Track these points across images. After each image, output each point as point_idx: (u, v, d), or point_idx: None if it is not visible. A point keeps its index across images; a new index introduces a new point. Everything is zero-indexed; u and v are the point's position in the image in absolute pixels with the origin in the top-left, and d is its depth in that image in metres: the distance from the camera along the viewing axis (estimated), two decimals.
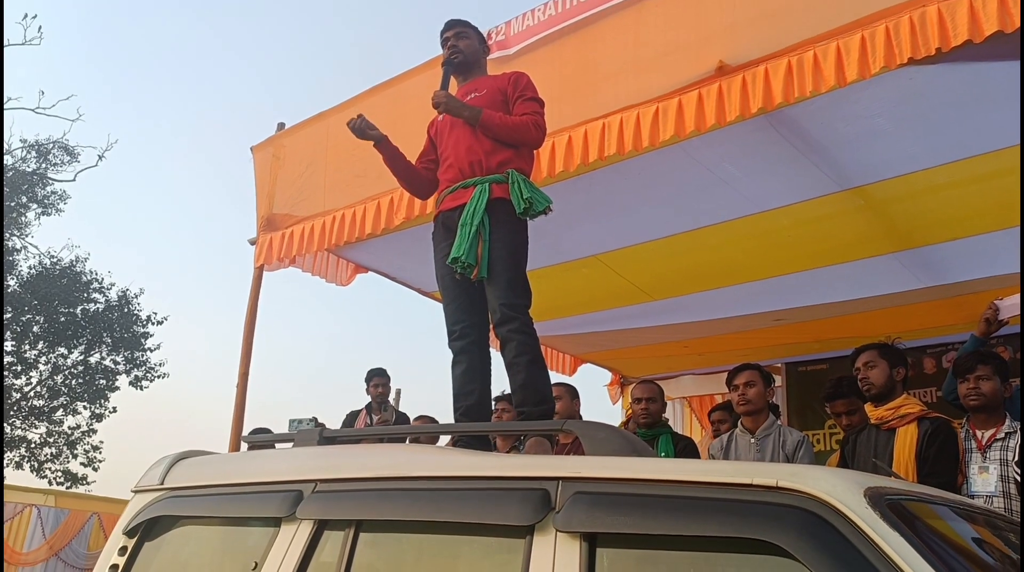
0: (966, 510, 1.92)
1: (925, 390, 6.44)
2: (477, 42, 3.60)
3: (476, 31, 3.63)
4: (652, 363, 7.58)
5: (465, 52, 3.52)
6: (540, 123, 3.32)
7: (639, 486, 1.76)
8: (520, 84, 3.40)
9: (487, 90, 3.41)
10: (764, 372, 4.28)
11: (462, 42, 3.53)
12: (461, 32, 3.55)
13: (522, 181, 3.17)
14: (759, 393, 4.14)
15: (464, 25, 3.59)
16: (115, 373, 20.33)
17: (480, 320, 3.25)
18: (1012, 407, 3.79)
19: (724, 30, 3.67)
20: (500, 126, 3.26)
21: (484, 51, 3.66)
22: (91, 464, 20.23)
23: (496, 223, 3.14)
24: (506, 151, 3.26)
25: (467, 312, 3.24)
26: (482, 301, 3.22)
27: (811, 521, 1.50)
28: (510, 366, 3.06)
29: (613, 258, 5.45)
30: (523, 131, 3.27)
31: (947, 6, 3.08)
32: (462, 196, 3.22)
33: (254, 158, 5.81)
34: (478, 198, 3.15)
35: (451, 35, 3.54)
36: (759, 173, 4.48)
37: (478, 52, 3.59)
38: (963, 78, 3.60)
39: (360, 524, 2.19)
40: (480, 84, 3.48)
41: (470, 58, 3.54)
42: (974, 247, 4.97)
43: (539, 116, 3.33)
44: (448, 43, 3.53)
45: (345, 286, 5.99)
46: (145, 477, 2.94)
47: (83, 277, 20.13)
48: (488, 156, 3.25)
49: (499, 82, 3.44)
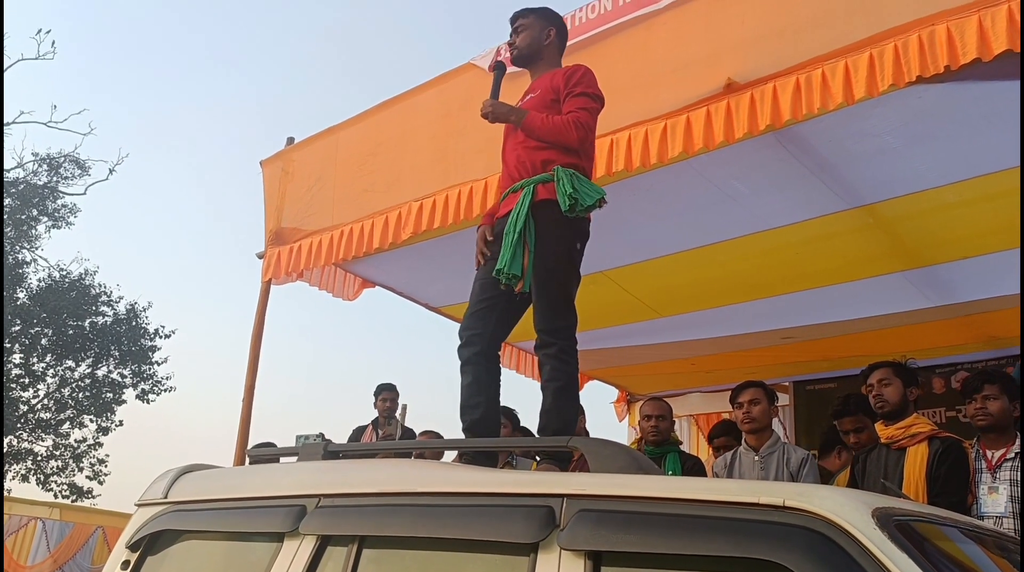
0: (975, 532, 1.89)
1: (935, 410, 6.40)
2: (537, 29, 3.36)
3: (542, 17, 3.38)
4: (659, 380, 7.55)
5: (520, 46, 3.35)
6: (582, 120, 3.07)
7: (644, 504, 1.75)
8: (573, 79, 3.17)
9: (541, 90, 3.24)
10: (768, 389, 4.27)
11: (520, 36, 3.36)
12: (520, 24, 3.37)
13: (567, 176, 2.95)
14: (763, 411, 4.13)
15: (526, 15, 3.37)
16: (122, 386, 20.40)
17: (492, 331, 3.09)
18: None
19: (732, 47, 3.67)
20: (541, 128, 3.09)
21: (547, 38, 3.37)
22: (97, 477, 20.27)
23: (542, 229, 2.97)
24: (551, 149, 3.07)
25: (482, 321, 3.09)
26: (507, 314, 3.10)
27: (818, 541, 1.48)
28: (542, 388, 2.96)
29: (621, 274, 5.44)
30: (563, 131, 3.06)
31: (956, 24, 3.07)
32: (512, 201, 3.08)
33: (263, 172, 5.83)
34: (522, 202, 3.00)
35: (512, 31, 3.38)
36: (767, 190, 4.48)
37: (538, 42, 3.35)
38: (972, 96, 3.59)
39: (363, 540, 2.18)
40: (538, 83, 3.31)
41: (526, 51, 3.36)
42: (983, 266, 4.94)
43: (584, 113, 3.10)
44: (509, 40, 3.38)
45: (352, 301, 5.99)
46: (148, 491, 2.93)
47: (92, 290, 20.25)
48: (533, 155, 3.10)
49: (556, 79, 3.22)
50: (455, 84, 4.72)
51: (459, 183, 4.47)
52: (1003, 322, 5.66)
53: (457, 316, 6.25)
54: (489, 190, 4.28)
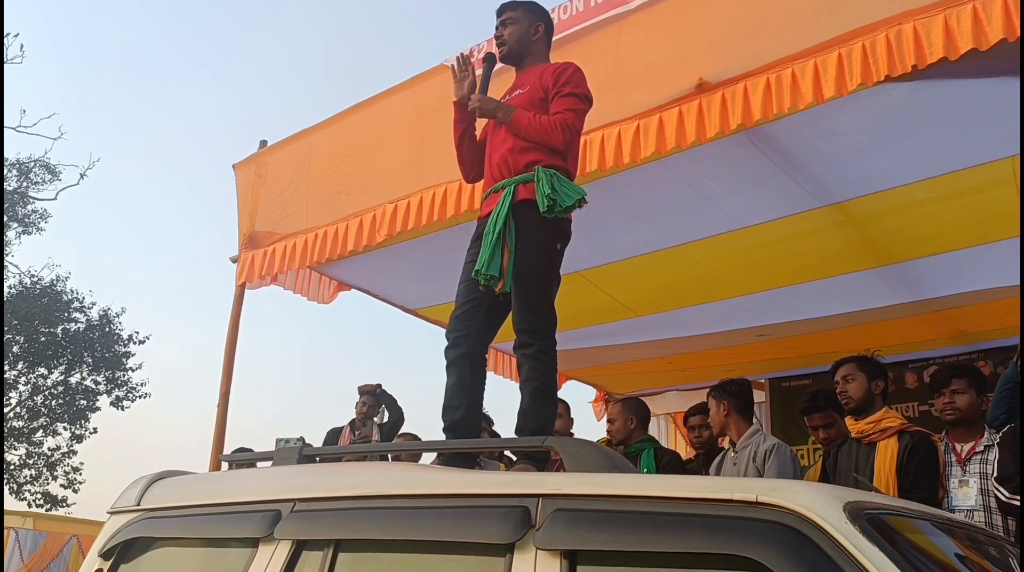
0: (946, 524, 1.92)
1: (907, 405, 6.48)
2: (526, 24, 3.30)
3: (529, 10, 3.32)
4: (636, 379, 7.58)
5: (510, 42, 3.29)
6: (569, 122, 3.04)
7: (619, 503, 1.75)
8: (562, 78, 3.12)
9: (530, 87, 3.18)
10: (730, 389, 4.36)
11: (508, 30, 3.29)
12: (508, 18, 3.30)
13: (547, 176, 2.92)
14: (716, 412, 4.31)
15: (513, 8, 3.31)
16: (96, 393, 20.15)
17: (478, 333, 3.07)
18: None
19: (703, 48, 3.69)
20: (528, 127, 3.05)
21: (535, 33, 3.32)
22: (71, 486, 20.02)
23: (523, 229, 2.95)
24: (536, 151, 3.04)
25: (467, 323, 3.06)
26: (491, 315, 3.09)
27: (791, 536, 1.50)
28: (521, 388, 2.95)
29: (596, 274, 5.46)
30: (549, 132, 3.02)
31: (923, 24, 3.11)
32: (493, 202, 3.05)
33: (236, 176, 5.78)
34: (502, 202, 2.98)
35: (499, 23, 3.31)
36: (740, 189, 4.51)
37: (527, 37, 3.29)
38: (939, 95, 3.64)
39: (339, 544, 2.16)
40: (525, 79, 3.26)
41: (515, 47, 3.30)
42: (952, 263, 5.01)
43: (571, 115, 3.06)
44: (496, 33, 3.32)
45: (328, 304, 5.96)
46: (121, 498, 2.90)
47: (64, 296, 19.98)
48: (515, 155, 3.06)
49: (545, 77, 3.16)
50: (429, 86, 4.71)
51: (433, 185, 4.47)
52: (972, 317, 5.75)
53: (434, 317, 6.25)
54: (463, 191, 4.28)
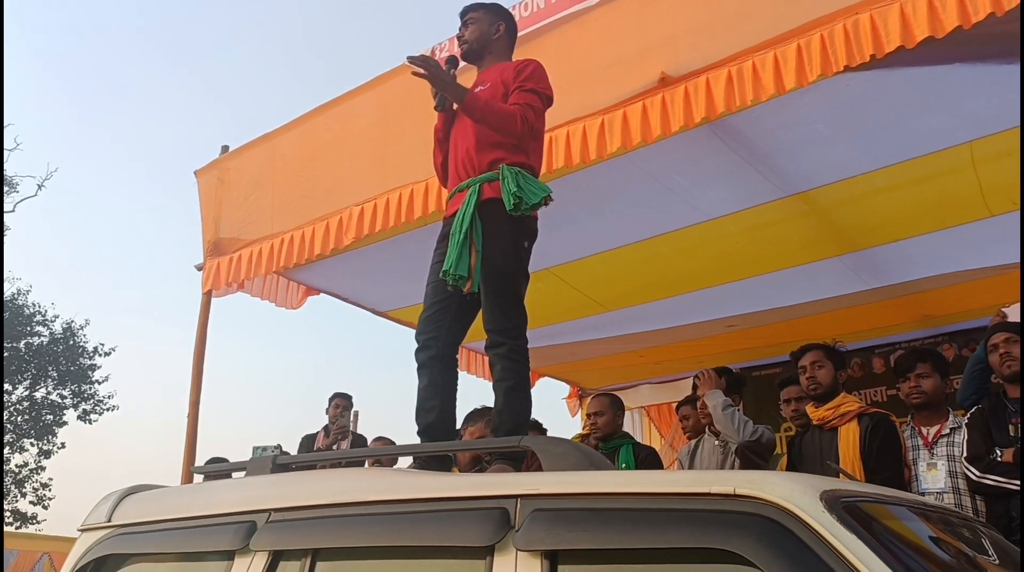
0: (922, 509, 1.94)
1: (876, 389, 6.57)
2: (487, 24, 3.32)
3: (490, 10, 3.35)
4: (609, 374, 7.60)
5: (470, 40, 3.31)
6: (529, 117, 3.02)
7: (598, 500, 1.75)
8: (523, 74, 3.11)
9: (491, 83, 3.16)
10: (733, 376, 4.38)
11: (468, 30, 3.31)
12: (471, 18, 3.33)
13: (512, 174, 2.91)
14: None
15: (475, 9, 3.34)
16: (62, 407, 19.84)
17: (447, 334, 3.06)
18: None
19: (664, 42, 3.71)
20: (485, 109, 3.01)
21: (496, 32, 3.33)
22: (41, 502, 19.71)
23: (489, 228, 2.94)
24: (499, 149, 3.02)
25: (436, 324, 3.05)
26: (460, 316, 3.07)
27: (769, 528, 1.50)
28: (494, 388, 2.93)
29: (565, 271, 5.47)
30: (507, 120, 3.00)
31: (879, 13, 3.15)
32: (458, 201, 3.03)
33: (198, 182, 5.70)
34: (468, 201, 2.96)
35: (461, 25, 3.34)
36: (705, 182, 4.54)
37: (487, 36, 3.31)
38: (898, 83, 3.69)
39: (316, 553, 2.13)
40: (487, 76, 3.25)
41: (475, 45, 3.31)
42: (915, 248, 5.09)
43: (529, 109, 3.03)
44: (459, 34, 3.34)
45: (296, 309, 5.91)
46: (92, 515, 2.84)
47: (25, 310, 19.63)
48: (479, 154, 3.04)
49: (506, 73, 3.16)
50: (392, 86, 4.67)
51: (399, 186, 4.44)
52: (936, 301, 5.84)
53: (404, 319, 6.22)
54: (430, 192, 4.26)
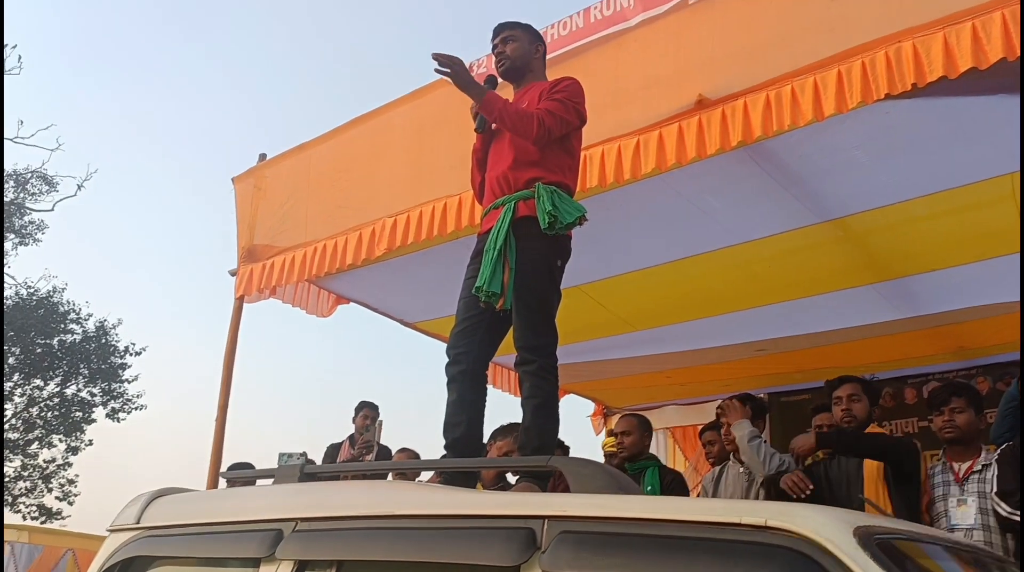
0: (955, 548, 1.90)
1: (907, 420, 6.47)
2: (527, 43, 3.34)
3: (527, 31, 3.37)
4: (635, 393, 7.56)
5: (512, 57, 3.31)
6: (547, 121, 3.00)
7: (626, 525, 1.74)
8: (557, 87, 3.14)
9: (528, 102, 3.17)
10: (757, 403, 4.33)
11: (509, 47, 3.31)
12: (509, 36, 3.32)
13: (548, 193, 2.93)
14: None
15: (512, 27, 3.34)
16: (91, 405, 20.04)
17: (478, 350, 3.07)
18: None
19: (703, 64, 3.70)
20: (503, 110, 3.03)
21: (536, 52, 3.37)
22: (66, 498, 19.88)
23: (523, 245, 2.95)
24: (536, 167, 3.03)
25: (467, 339, 3.06)
26: (491, 332, 3.08)
27: (800, 562, 1.48)
28: (522, 405, 2.94)
29: (596, 289, 5.45)
30: (524, 121, 3.00)
31: (922, 42, 3.12)
32: (493, 218, 3.05)
33: (235, 189, 5.77)
34: (502, 219, 2.97)
35: (499, 41, 3.33)
36: (739, 205, 4.52)
37: (528, 55, 3.33)
38: (939, 113, 3.65)
39: (341, 564, 2.15)
40: (525, 95, 3.26)
41: (518, 63, 3.32)
42: (951, 278, 5.02)
43: (551, 116, 3.02)
44: (496, 50, 3.33)
45: (326, 317, 5.95)
46: (120, 516, 2.88)
47: (60, 308, 19.90)
48: (516, 173, 3.06)
49: (544, 91, 3.17)
50: (428, 100, 4.71)
51: (433, 199, 4.47)
52: (971, 333, 5.75)
53: (433, 331, 6.24)
54: (463, 206, 4.28)
